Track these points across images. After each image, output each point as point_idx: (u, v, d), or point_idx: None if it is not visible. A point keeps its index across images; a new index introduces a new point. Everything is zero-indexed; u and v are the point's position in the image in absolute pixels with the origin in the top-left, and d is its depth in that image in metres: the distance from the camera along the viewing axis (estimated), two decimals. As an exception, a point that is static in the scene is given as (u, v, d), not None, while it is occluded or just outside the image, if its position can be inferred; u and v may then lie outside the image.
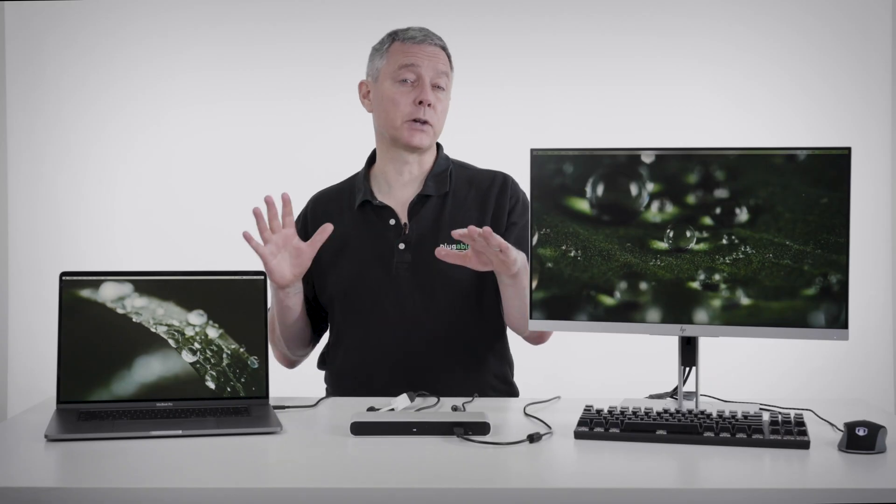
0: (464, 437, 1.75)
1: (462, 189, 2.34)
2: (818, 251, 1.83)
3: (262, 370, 2.00)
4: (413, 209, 2.30)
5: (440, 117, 2.30)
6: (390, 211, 2.31)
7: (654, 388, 2.11)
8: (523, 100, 3.76)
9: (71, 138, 3.79)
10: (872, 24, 3.70)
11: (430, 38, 2.31)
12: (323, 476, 1.59)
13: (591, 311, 1.93)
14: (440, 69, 2.29)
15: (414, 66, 2.27)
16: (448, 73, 2.32)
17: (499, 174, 2.37)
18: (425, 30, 2.33)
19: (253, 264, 2.09)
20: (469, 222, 2.27)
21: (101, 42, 3.78)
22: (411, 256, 2.26)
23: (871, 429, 1.67)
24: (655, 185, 1.90)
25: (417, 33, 2.31)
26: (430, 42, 2.30)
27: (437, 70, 2.28)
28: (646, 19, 3.74)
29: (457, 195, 2.33)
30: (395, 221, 2.30)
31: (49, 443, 1.74)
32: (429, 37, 2.31)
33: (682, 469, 1.63)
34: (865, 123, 3.68)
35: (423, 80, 2.26)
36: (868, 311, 3.63)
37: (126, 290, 1.98)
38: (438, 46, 2.31)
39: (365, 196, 2.32)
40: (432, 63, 2.28)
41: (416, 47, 2.28)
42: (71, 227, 3.80)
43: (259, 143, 3.78)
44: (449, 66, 2.33)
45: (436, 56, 2.29)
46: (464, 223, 2.27)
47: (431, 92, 2.27)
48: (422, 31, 2.32)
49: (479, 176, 2.37)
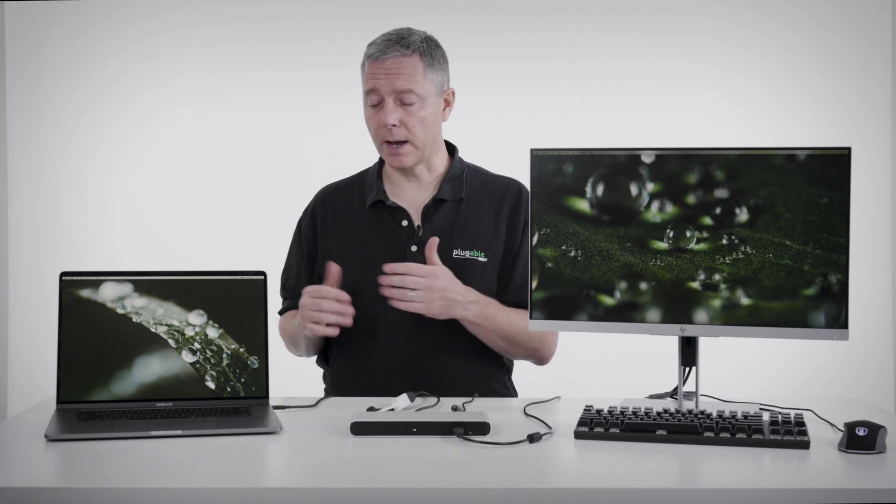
0: (464, 437, 1.75)
1: (476, 195, 2.32)
2: (818, 251, 1.83)
3: (262, 370, 2.00)
4: (427, 212, 2.29)
5: (416, 131, 2.21)
6: (403, 212, 2.29)
7: (654, 388, 2.11)
8: (523, 100, 3.76)
9: (71, 138, 3.80)
10: (872, 24, 3.70)
11: (386, 53, 2.18)
12: (323, 476, 1.59)
13: (591, 311, 1.93)
14: (399, 85, 2.17)
15: (373, 89, 2.20)
16: (414, 85, 2.19)
17: (513, 183, 2.35)
18: (389, 37, 2.21)
19: (253, 264, 2.09)
20: (483, 229, 2.28)
21: (100, 42, 3.79)
22: (423, 259, 2.23)
23: (871, 429, 1.67)
24: (655, 185, 1.90)
25: (375, 49, 2.21)
26: (388, 56, 2.18)
27: (395, 86, 2.18)
28: (645, 19, 3.74)
29: (471, 200, 2.31)
30: (408, 223, 2.28)
31: (49, 443, 1.74)
32: (385, 50, 2.19)
33: (682, 469, 1.63)
34: (865, 123, 3.68)
35: (384, 101, 2.20)
36: (868, 311, 3.63)
37: (126, 290, 1.98)
38: (399, 56, 2.18)
39: (378, 196, 2.30)
40: (390, 80, 2.18)
41: (375, 66, 2.20)
42: (71, 227, 3.80)
43: (258, 143, 3.78)
44: (422, 71, 2.20)
45: (396, 70, 2.18)
46: (478, 229, 2.27)
47: (397, 109, 2.19)
48: (381, 46, 2.20)
49: (494, 182, 2.35)
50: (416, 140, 2.23)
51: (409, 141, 2.23)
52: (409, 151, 2.24)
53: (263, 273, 2.05)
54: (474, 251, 2.25)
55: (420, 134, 2.23)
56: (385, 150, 2.25)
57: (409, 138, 2.22)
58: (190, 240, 3.73)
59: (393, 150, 2.23)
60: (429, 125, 2.24)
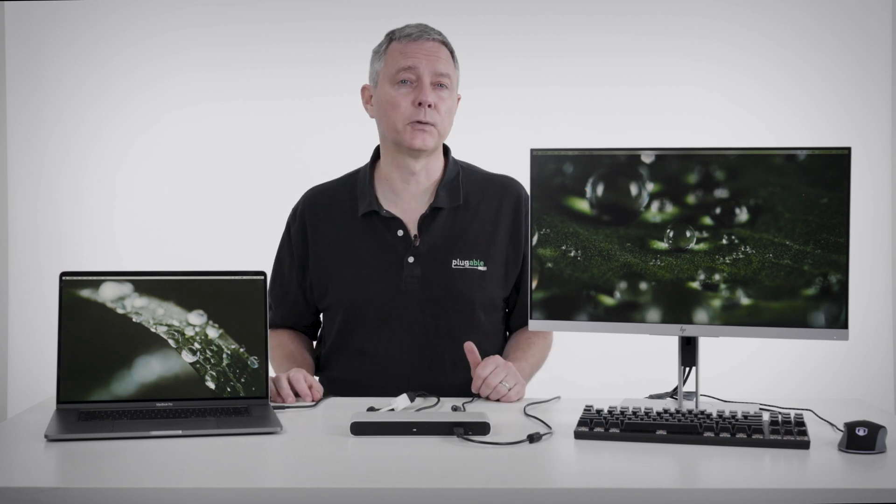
0: (464, 437, 1.75)
1: (474, 198, 2.29)
2: (818, 251, 1.83)
3: (262, 370, 2.00)
4: (424, 222, 2.25)
5: (444, 117, 2.21)
6: (398, 222, 2.25)
7: (654, 388, 2.11)
8: (523, 100, 3.76)
9: (71, 138, 3.80)
10: (872, 24, 3.70)
11: (427, 34, 2.21)
12: (323, 476, 1.59)
13: (591, 311, 1.93)
14: (439, 68, 2.20)
15: (411, 67, 2.19)
16: (450, 71, 2.22)
17: (510, 183, 2.33)
18: (423, 25, 2.24)
19: (253, 264, 2.08)
20: (482, 237, 2.25)
21: (100, 42, 3.79)
22: (421, 271, 2.23)
23: (871, 429, 1.67)
24: (655, 185, 1.90)
25: (414, 30, 2.22)
26: (427, 38, 2.21)
27: (435, 68, 2.19)
28: (645, 19, 3.74)
29: (469, 207, 2.27)
30: (404, 233, 2.24)
31: (49, 443, 1.74)
32: (426, 32, 2.22)
33: (682, 469, 1.63)
34: (865, 123, 3.68)
35: (421, 80, 2.18)
36: (868, 311, 3.63)
37: (126, 290, 1.98)
38: (437, 42, 2.22)
39: (371, 205, 2.25)
40: (430, 61, 2.19)
41: (412, 45, 2.20)
42: (71, 227, 3.80)
43: (258, 143, 3.78)
44: (452, 62, 2.24)
45: (435, 53, 2.20)
46: (476, 237, 2.25)
47: (432, 91, 2.19)
48: (419, 28, 2.23)
49: (489, 182, 2.33)
50: (441, 125, 2.22)
51: (435, 125, 2.21)
52: (433, 133, 2.21)
53: (263, 273, 2.05)
54: (474, 260, 2.24)
55: (446, 121, 2.23)
56: (409, 130, 2.20)
57: (436, 123, 2.20)
58: (190, 240, 3.73)
59: (419, 128, 2.19)
60: (451, 116, 2.25)
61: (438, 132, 2.22)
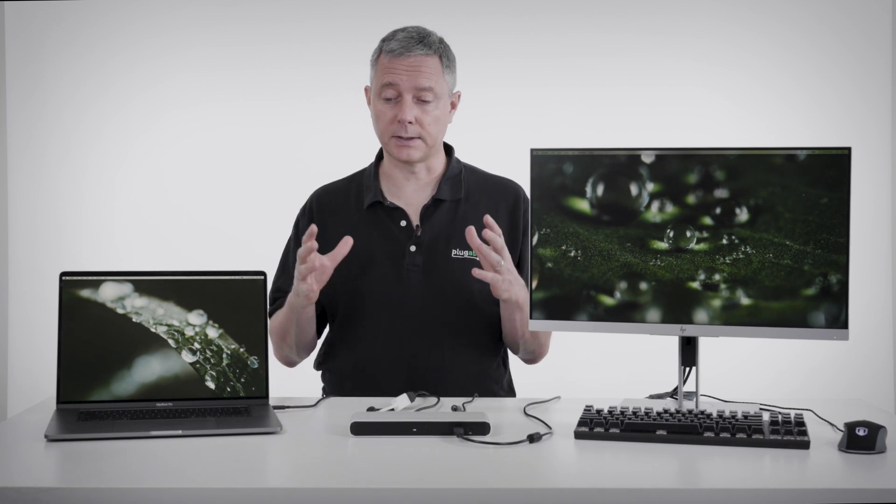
0: (464, 437, 1.75)
1: (475, 194, 2.33)
2: (818, 251, 1.83)
3: (262, 370, 2.00)
4: (426, 212, 2.29)
5: (430, 128, 2.24)
6: (401, 212, 2.30)
7: (654, 388, 2.11)
8: (523, 100, 3.76)
9: (71, 138, 3.80)
10: (872, 24, 3.70)
11: (410, 50, 2.21)
12: (323, 476, 1.59)
13: (591, 311, 1.93)
14: (421, 83, 2.21)
15: (391, 83, 2.22)
16: (434, 84, 2.22)
17: (510, 185, 2.36)
18: (410, 35, 2.24)
19: (253, 264, 2.09)
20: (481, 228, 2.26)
21: (100, 42, 3.79)
22: (422, 259, 2.26)
23: (871, 429, 1.67)
24: (655, 185, 1.90)
25: (397, 45, 2.22)
26: (409, 54, 2.21)
27: (417, 83, 2.21)
28: (645, 19, 3.74)
29: (470, 200, 2.32)
30: (407, 223, 2.29)
31: (49, 443, 1.74)
32: (409, 48, 2.21)
33: (682, 469, 1.63)
34: (865, 123, 3.68)
35: (402, 97, 2.22)
36: (868, 311, 3.63)
37: (126, 290, 1.98)
38: (422, 55, 2.22)
39: (375, 196, 2.31)
40: (412, 77, 2.21)
41: (395, 62, 2.22)
42: (71, 227, 3.80)
43: (258, 143, 3.78)
44: (440, 70, 2.24)
45: (417, 68, 2.21)
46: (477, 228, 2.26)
47: (414, 107, 2.21)
48: (403, 42, 2.22)
49: (491, 181, 2.37)
50: (427, 137, 2.25)
51: (420, 137, 2.25)
52: (418, 146, 2.26)
53: (263, 273, 2.05)
54: (473, 251, 2.25)
55: (433, 132, 2.26)
56: (393, 143, 2.26)
57: (421, 135, 2.24)
58: (190, 240, 3.73)
59: (403, 143, 2.25)
60: (441, 124, 2.28)
61: (425, 143, 2.26)
